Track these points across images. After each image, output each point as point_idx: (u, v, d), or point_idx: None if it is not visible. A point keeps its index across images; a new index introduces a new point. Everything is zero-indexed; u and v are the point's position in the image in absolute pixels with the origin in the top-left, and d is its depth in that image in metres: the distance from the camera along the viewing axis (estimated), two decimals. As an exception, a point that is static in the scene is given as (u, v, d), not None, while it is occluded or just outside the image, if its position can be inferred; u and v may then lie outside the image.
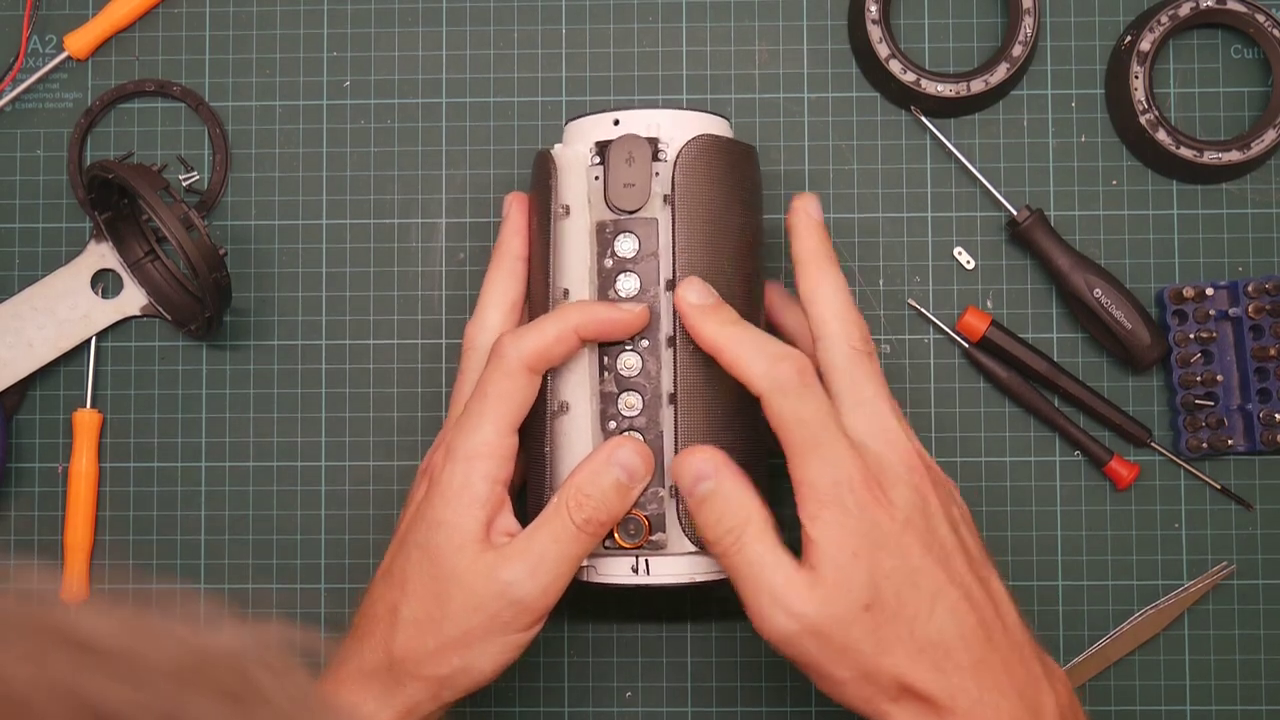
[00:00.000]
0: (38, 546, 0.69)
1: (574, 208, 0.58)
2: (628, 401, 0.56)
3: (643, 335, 0.56)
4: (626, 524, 0.55)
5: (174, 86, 0.69)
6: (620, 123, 0.58)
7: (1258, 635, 0.67)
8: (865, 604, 0.51)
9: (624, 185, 0.56)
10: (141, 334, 0.69)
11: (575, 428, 0.57)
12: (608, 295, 0.56)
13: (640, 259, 0.56)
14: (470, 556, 0.54)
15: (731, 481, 0.52)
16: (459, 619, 0.53)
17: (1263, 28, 0.66)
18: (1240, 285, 0.66)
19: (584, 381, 0.56)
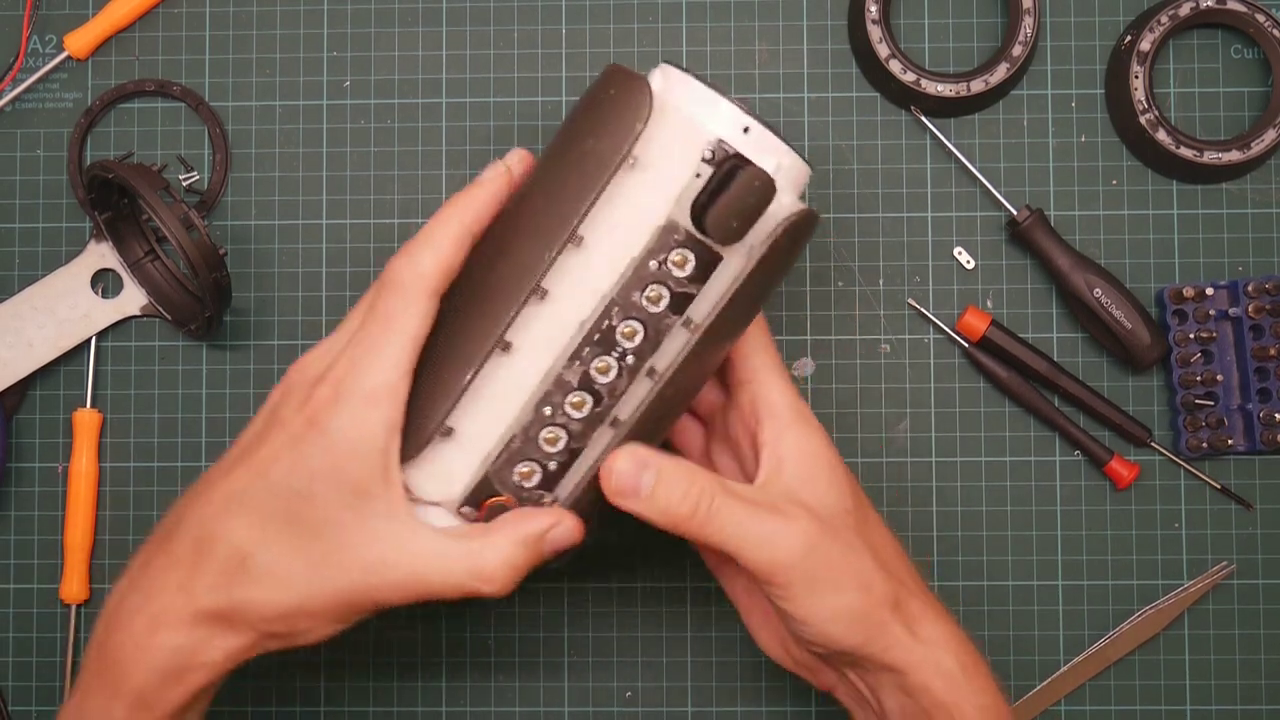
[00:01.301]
0: (38, 546, 0.69)
1: (649, 174, 0.50)
2: (577, 400, 0.50)
3: (635, 351, 0.50)
4: (494, 514, 0.51)
5: (174, 86, 0.69)
6: (750, 132, 0.50)
7: (1258, 635, 0.67)
8: (846, 507, 0.52)
9: (730, 216, 0.49)
10: (141, 334, 0.69)
11: (510, 378, 0.50)
12: (630, 297, 0.50)
13: (686, 284, 0.50)
14: (360, 520, 0.48)
15: (668, 461, 0.51)
16: (325, 588, 0.48)
17: (1263, 28, 0.66)
18: (1240, 285, 0.66)
19: (551, 346, 0.50)
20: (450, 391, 0.50)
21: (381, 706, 0.68)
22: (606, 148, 0.49)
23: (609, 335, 0.50)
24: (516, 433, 0.50)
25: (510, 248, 0.51)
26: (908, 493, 0.68)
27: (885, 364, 0.68)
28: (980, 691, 0.53)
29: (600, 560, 0.68)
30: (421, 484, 0.51)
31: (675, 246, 0.50)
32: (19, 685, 0.69)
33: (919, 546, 0.67)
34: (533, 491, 0.51)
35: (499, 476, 0.51)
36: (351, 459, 0.48)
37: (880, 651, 0.52)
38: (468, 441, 0.51)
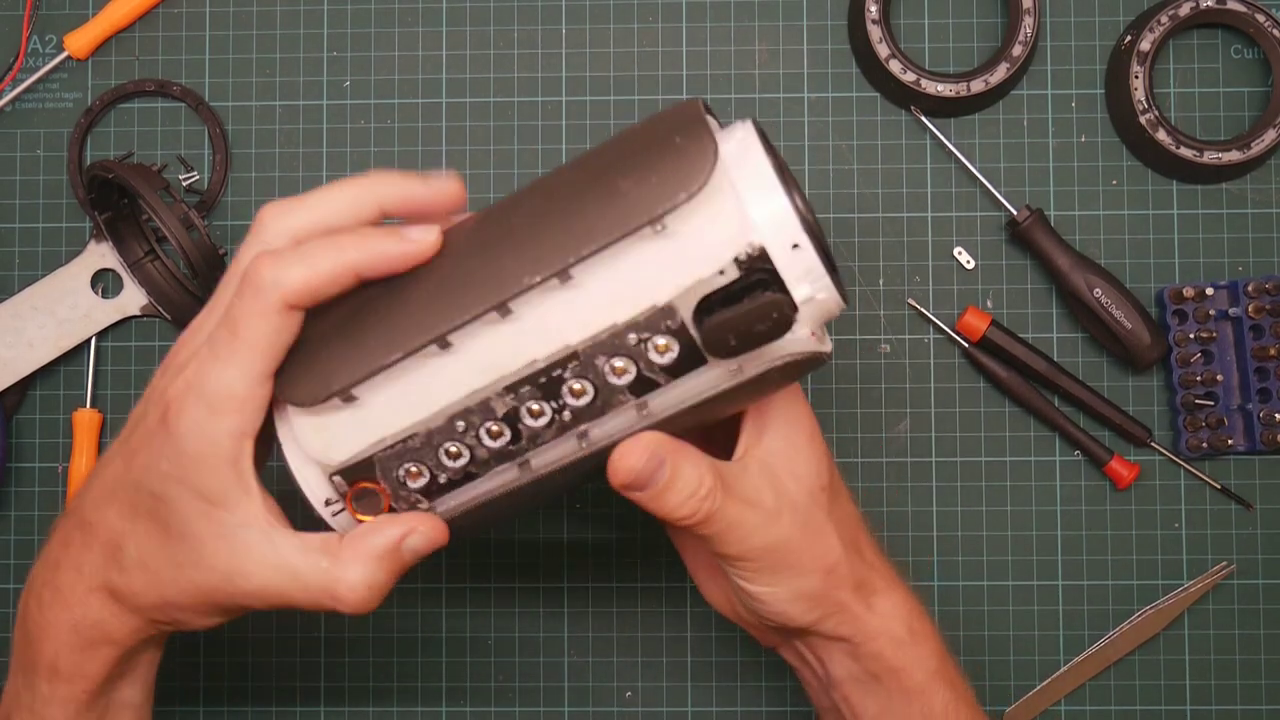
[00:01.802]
0: (38, 547, 0.69)
1: (671, 247, 0.44)
2: (495, 430, 0.46)
3: (575, 410, 0.46)
4: (361, 498, 0.47)
5: (174, 86, 0.69)
6: (798, 249, 0.44)
7: (1258, 635, 0.67)
8: (823, 484, 0.51)
9: (731, 334, 0.44)
10: (141, 334, 0.69)
11: (436, 378, 0.46)
12: (594, 358, 0.45)
13: (658, 371, 0.46)
14: (214, 531, 0.47)
15: (683, 459, 0.48)
16: (187, 588, 0.48)
17: (1263, 28, 0.66)
18: (1240, 285, 0.66)
19: (492, 367, 0.45)
20: (369, 362, 0.45)
21: (381, 706, 0.68)
22: (641, 201, 0.43)
23: (555, 384, 0.45)
24: (420, 432, 0.46)
25: (497, 243, 0.46)
26: (908, 493, 0.68)
27: (885, 364, 0.68)
28: (929, 655, 0.53)
29: (600, 560, 0.68)
30: (306, 436, 0.47)
31: (664, 332, 0.44)
32: (19, 685, 0.69)
33: (919, 546, 0.67)
34: (411, 494, 0.47)
35: (384, 464, 0.47)
36: (200, 467, 0.46)
37: (834, 626, 0.52)
38: (368, 417, 0.46)
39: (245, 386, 0.45)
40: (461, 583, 0.68)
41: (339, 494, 0.48)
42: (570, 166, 0.47)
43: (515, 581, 0.68)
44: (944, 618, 0.67)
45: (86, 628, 0.49)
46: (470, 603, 0.68)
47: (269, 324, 0.45)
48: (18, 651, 0.51)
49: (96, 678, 0.50)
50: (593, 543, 0.68)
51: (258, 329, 0.45)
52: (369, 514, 0.48)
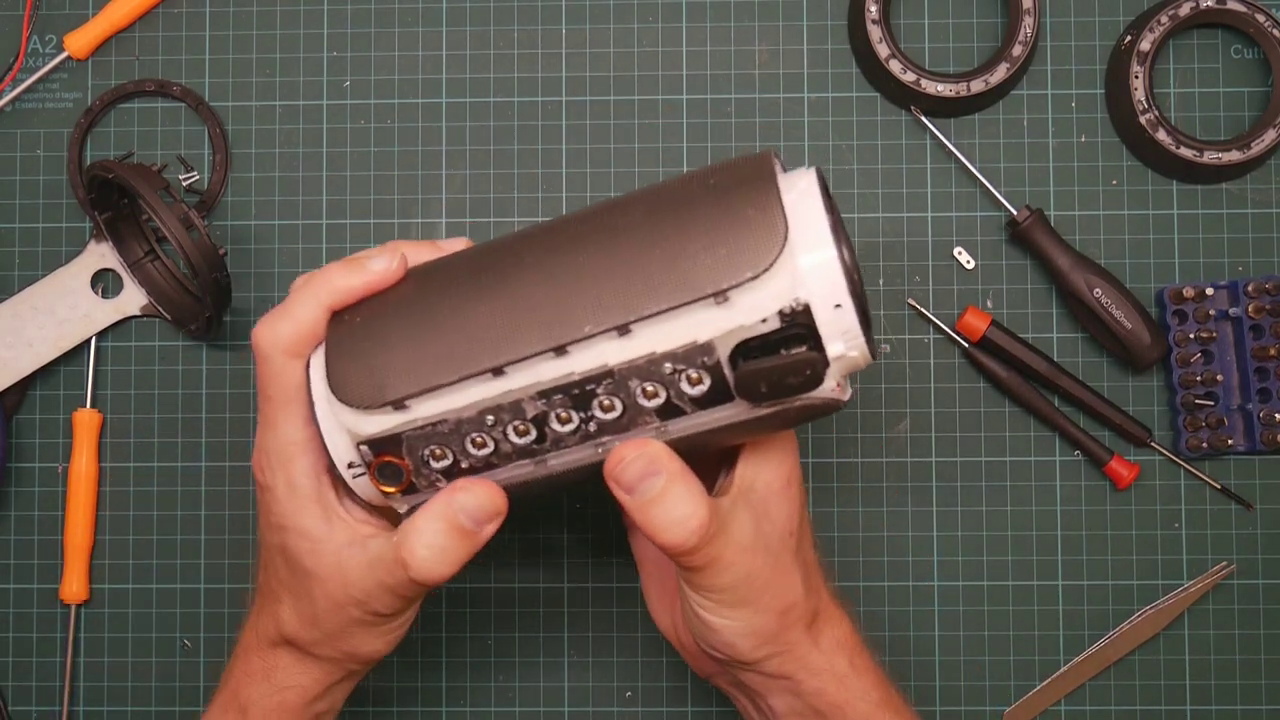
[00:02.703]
0: (38, 546, 0.69)
1: (726, 305, 0.46)
2: (521, 429, 0.48)
3: (601, 424, 0.48)
4: (383, 470, 0.50)
5: (174, 86, 0.69)
6: (840, 309, 0.45)
7: (1258, 635, 0.67)
8: (792, 529, 0.52)
9: (763, 382, 0.46)
10: (141, 334, 0.69)
11: (481, 386, 0.48)
12: (629, 380, 0.47)
13: (687, 402, 0.47)
14: (321, 559, 0.52)
15: (680, 481, 0.48)
16: (329, 617, 0.53)
17: (1263, 28, 0.66)
18: (1240, 285, 0.66)
19: (534, 379, 0.48)
20: (423, 379, 0.48)
21: (381, 706, 0.68)
22: (709, 271, 0.45)
23: (587, 397, 0.47)
24: (451, 419, 0.48)
25: (564, 281, 0.47)
26: (908, 493, 0.68)
27: (885, 364, 0.68)
28: (872, 687, 0.54)
29: (600, 560, 0.68)
30: (349, 420, 0.49)
31: (699, 367, 0.46)
32: (19, 685, 0.69)
33: (919, 546, 0.67)
34: (432, 473, 0.50)
35: (411, 442, 0.49)
36: (293, 512, 0.52)
37: (778, 665, 0.52)
38: (411, 412, 0.49)
39: (298, 433, 0.51)
40: (461, 583, 0.68)
41: (363, 461, 0.50)
42: (641, 205, 0.48)
43: (515, 581, 0.68)
44: (944, 618, 0.67)
45: (276, 675, 0.55)
46: (470, 603, 0.68)
47: (287, 379, 0.51)
48: (220, 694, 0.58)
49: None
50: (593, 542, 0.68)
51: (281, 387, 0.51)
52: (389, 485, 0.50)
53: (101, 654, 0.69)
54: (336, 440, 0.50)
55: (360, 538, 0.52)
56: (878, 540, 0.67)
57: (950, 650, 0.67)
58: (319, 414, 0.50)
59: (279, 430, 0.52)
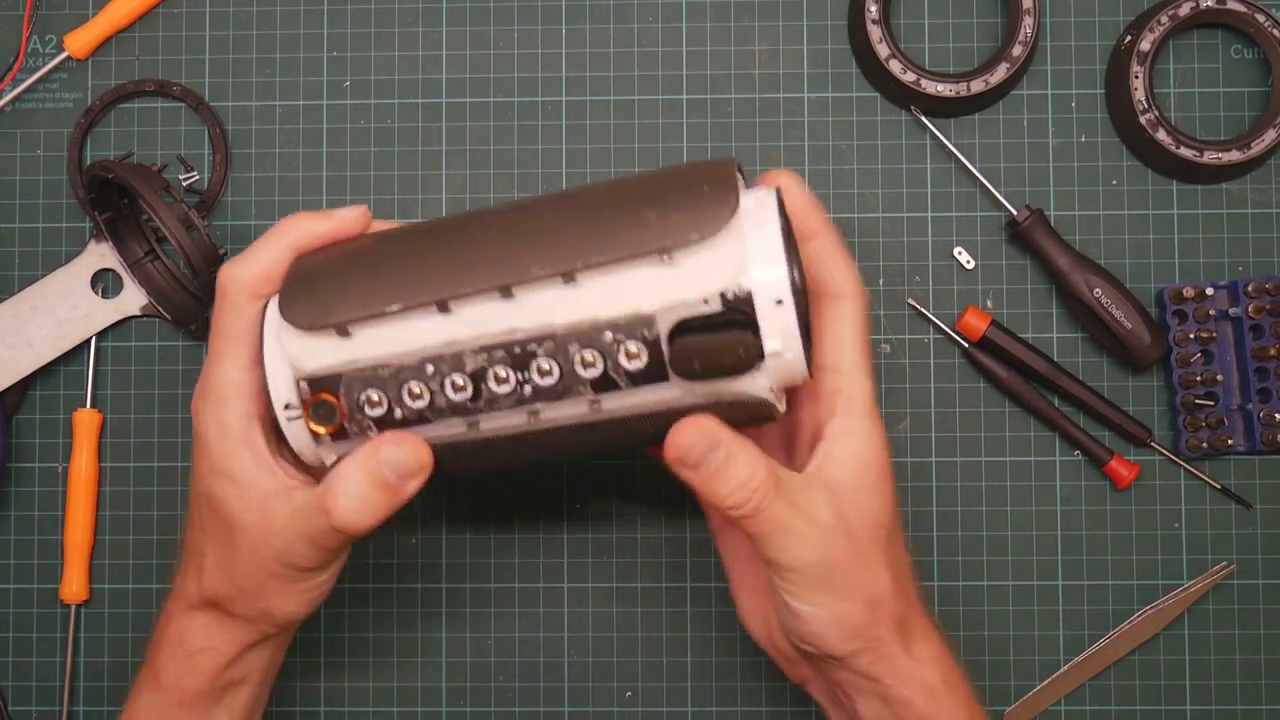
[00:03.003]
0: (38, 546, 0.69)
1: (671, 272, 0.48)
2: (459, 383, 0.49)
3: (535, 388, 0.49)
4: (318, 408, 0.50)
5: (174, 86, 0.69)
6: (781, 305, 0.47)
7: (1258, 635, 0.67)
8: (883, 522, 0.52)
9: (697, 358, 0.47)
10: (141, 334, 0.69)
11: (424, 327, 0.49)
12: (568, 345, 0.48)
13: (622, 376, 0.48)
14: (247, 505, 0.52)
15: (739, 446, 0.49)
16: (248, 569, 0.52)
17: (1263, 28, 0.66)
18: (1240, 285, 0.66)
19: (477, 329, 0.49)
20: (369, 305, 0.49)
21: (381, 706, 0.68)
22: (658, 230, 0.47)
23: (526, 358, 0.49)
24: (392, 365, 0.50)
25: (520, 234, 0.49)
26: (908, 493, 0.68)
27: (885, 364, 0.68)
28: (959, 707, 0.53)
29: (600, 560, 0.68)
30: (289, 339, 0.50)
31: (639, 339, 0.47)
32: (19, 685, 0.69)
33: (919, 546, 0.67)
34: (365, 419, 0.50)
35: (349, 384, 0.50)
36: (222, 455, 0.52)
37: (869, 664, 0.52)
38: (349, 346, 0.50)
39: (239, 372, 0.52)
40: (462, 583, 0.68)
41: (300, 401, 0.50)
42: (606, 185, 0.51)
43: (515, 582, 0.68)
44: (944, 618, 0.67)
45: (188, 638, 0.55)
46: (470, 602, 0.68)
47: (242, 317, 0.52)
48: (142, 669, 0.57)
49: (192, 690, 0.55)
50: (593, 542, 0.68)
51: (234, 324, 0.52)
52: (322, 425, 0.50)
53: (101, 654, 0.69)
54: (278, 377, 0.50)
55: (286, 488, 0.52)
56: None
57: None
58: (266, 346, 0.51)
59: (221, 367, 0.52)
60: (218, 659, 0.55)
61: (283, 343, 0.51)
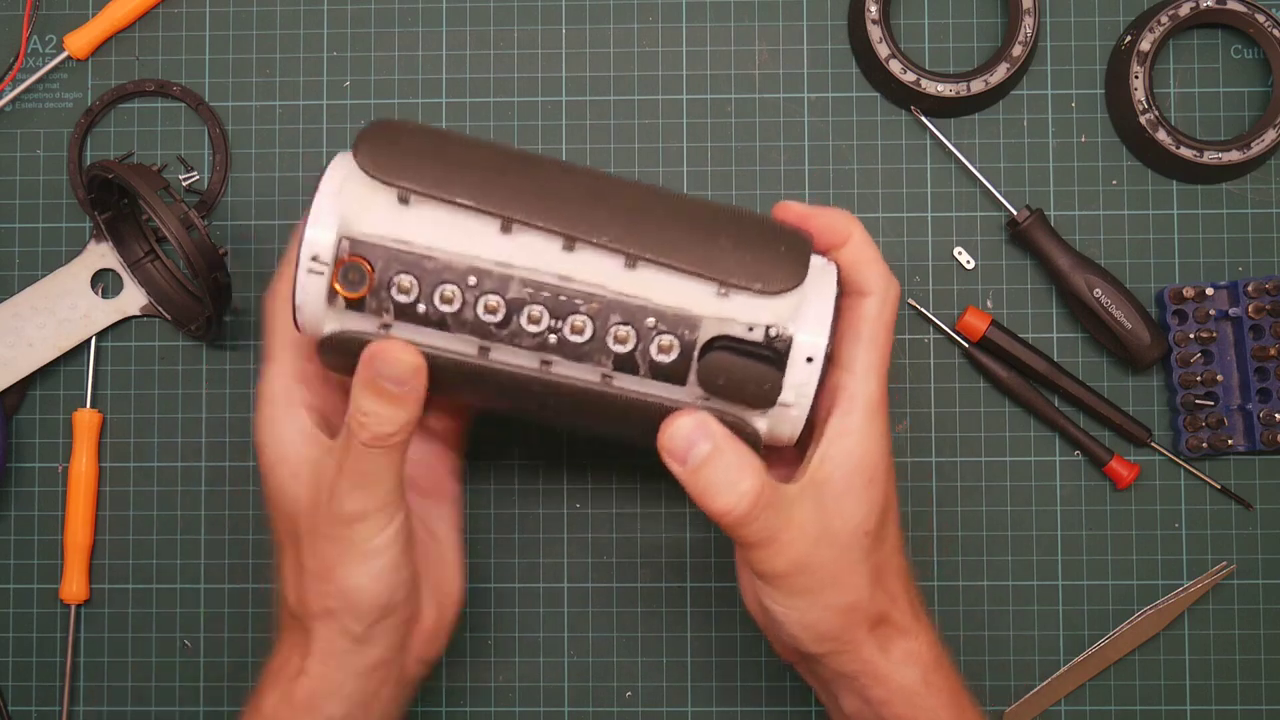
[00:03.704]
0: (38, 546, 0.69)
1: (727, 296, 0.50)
2: (493, 305, 0.49)
3: (561, 340, 0.49)
4: (350, 271, 0.49)
5: (174, 86, 0.69)
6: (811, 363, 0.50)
7: (1258, 635, 0.67)
8: (869, 529, 0.52)
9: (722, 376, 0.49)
10: (141, 334, 0.69)
11: (481, 237, 0.49)
12: (608, 314, 0.49)
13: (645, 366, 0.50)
14: (298, 478, 0.52)
15: (731, 448, 0.49)
16: (310, 541, 0.52)
17: (1263, 28, 0.66)
18: (1240, 285, 0.66)
19: (530, 262, 0.49)
20: (443, 187, 0.49)
21: (381, 706, 0.68)
22: (727, 263, 0.49)
23: (562, 307, 0.49)
24: (440, 260, 0.49)
25: (603, 192, 0.50)
26: (908, 493, 0.68)
27: (885, 364, 0.68)
28: (942, 708, 0.53)
29: (600, 560, 0.68)
30: (350, 191, 0.50)
31: (676, 336, 0.49)
32: (19, 685, 0.69)
33: (919, 546, 0.67)
34: (387, 302, 0.49)
35: (389, 261, 0.49)
36: (275, 437, 0.53)
37: (843, 664, 0.52)
38: (409, 221, 0.49)
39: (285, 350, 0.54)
40: (461, 583, 0.68)
41: (332, 259, 0.49)
42: (692, 198, 0.52)
43: (515, 582, 0.68)
44: (944, 618, 0.67)
45: (288, 666, 0.54)
46: (470, 602, 0.68)
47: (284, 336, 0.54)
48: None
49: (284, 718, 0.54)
50: (593, 543, 0.68)
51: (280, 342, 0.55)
52: (346, 290, 0.49)
53: (101, 654, 0.69)
54: (323, 225, 0.49)
55: (326, 445, 0.53)
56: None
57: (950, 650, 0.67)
58: (322, 189, 0.49)
59: (269, 375, 0.54)
60: (310, 685, 0.53)
61: (344, 192, 0.49)
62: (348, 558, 0.52)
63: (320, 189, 0.50)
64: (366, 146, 0.49)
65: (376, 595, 0.52)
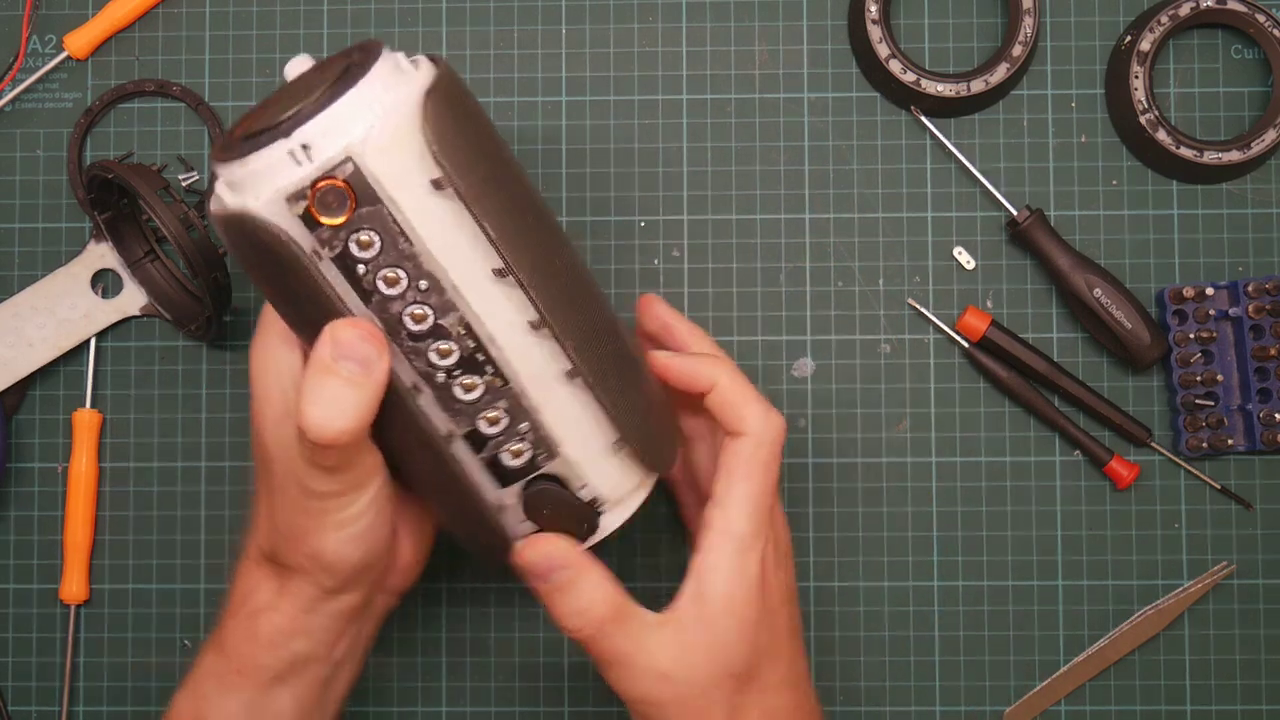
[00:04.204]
0: (38, 546, 0.69)
1: None
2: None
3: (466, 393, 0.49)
4: (330, 194, 0.44)
5: (174, 86, 0.69)
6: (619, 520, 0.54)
7: (1258, 635, 0.67)
8: (734, 672, 0.52)
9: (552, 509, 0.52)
10: (141, 334, 0.69)
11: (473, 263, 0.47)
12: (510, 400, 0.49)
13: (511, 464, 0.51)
14: (276, 433, 0.50)
15: (589, 569, 0.51)
16: (283, 503, 0.51)
17: (1263, 28, 0.66)
18: (1240, 285, 0.66)
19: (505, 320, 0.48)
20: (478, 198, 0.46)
21: (381, 706, 0.68)
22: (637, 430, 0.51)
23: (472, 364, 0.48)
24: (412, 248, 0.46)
25: (585, 297, 0.50)
26: (908, 493, 0.68)
27: (885, 364, 0.68)
28: None
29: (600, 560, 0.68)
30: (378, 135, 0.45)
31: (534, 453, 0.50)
32: (19, 685, 0.69)
33: (919, 546, 0.67)
34: (337, 239, 0.45)
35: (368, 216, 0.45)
36: (264, 385, 0.51)
37: None
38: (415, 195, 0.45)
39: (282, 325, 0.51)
40: (461, 583, 0.68)
41: (319, 168, 0.44)
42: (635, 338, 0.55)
43: (515, 582, 0.68)
44: (944, 618, 0.67)
45: (251, 597, 0.53)
46: (470, 603, 0.68)
47: None
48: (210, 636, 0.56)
49: (252, 657, 0.53)
50: (593, 543, 0.68)
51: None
52: (322, 214, 0.45)
53: (101, 654, 0.69)
54: (333, 134, 0.44)
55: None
56: (878, 540, 0.67)
57: (950, 650, 0.67)
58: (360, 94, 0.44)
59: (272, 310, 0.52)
60: (278, 622, 0.52)
61: (383, 115, 0.44)
62: (322, 526, 0.50)
63: (360, 87, 0.44)
64: (437, 104, 0.45)
65: (350, 557, 0.51)
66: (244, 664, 0.53)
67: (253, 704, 0.53)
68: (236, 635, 0.53)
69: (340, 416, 0.46)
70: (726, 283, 0.68)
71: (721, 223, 0.68)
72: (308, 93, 0.45)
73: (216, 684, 0.53)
